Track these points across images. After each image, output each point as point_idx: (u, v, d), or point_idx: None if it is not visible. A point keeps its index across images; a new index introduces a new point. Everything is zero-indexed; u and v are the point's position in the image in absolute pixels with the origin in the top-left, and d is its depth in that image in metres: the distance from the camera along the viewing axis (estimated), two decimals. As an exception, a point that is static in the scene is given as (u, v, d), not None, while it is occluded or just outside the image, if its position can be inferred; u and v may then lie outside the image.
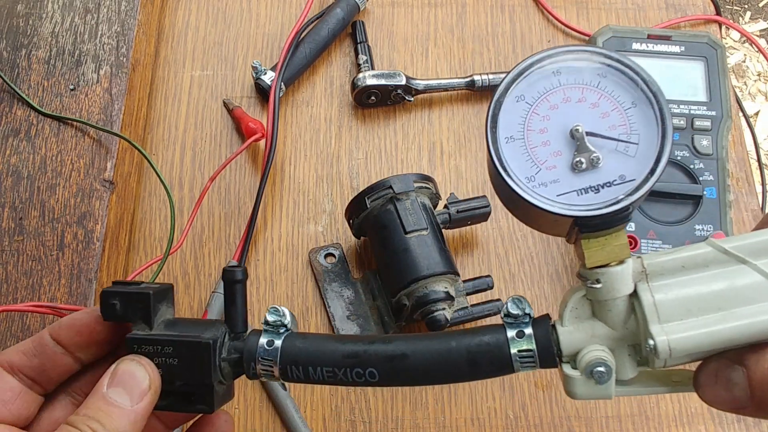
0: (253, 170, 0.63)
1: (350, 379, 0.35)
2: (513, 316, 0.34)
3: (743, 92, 1.72)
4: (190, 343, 0.35)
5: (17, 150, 0.57)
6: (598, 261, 0.32)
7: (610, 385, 0.33)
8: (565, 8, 0.71)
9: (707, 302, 0.31)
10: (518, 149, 0.33)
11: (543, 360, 0.34)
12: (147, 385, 0.34)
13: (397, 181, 0.55)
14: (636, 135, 0.32)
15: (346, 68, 0.68)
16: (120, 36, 0.62)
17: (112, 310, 0.36)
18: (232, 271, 0.37)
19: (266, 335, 0.36)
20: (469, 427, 0.54)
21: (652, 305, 0.32)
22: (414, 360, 0.34)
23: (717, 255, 0.32)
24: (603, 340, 0.33)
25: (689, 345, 0.31)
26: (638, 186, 0.31)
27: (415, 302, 0.52)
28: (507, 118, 0.33)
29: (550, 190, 0.32)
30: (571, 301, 0.34)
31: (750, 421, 0.55)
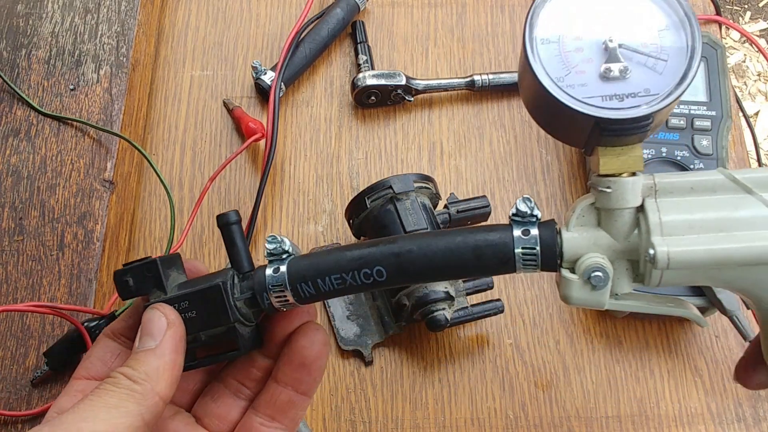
0: (253, 170, 0.63)
1: (359, 282, 0.35)
2: (521, 214, 0.35)
3: (743, 92, 1.72)
4: (202, 290, 0.37)
5: (17, 150, 0.57)
6: (612, 169, 0.34)
7: (605, 293, 0.34)
8: (565, 8, 0.71)
9: (710, 223, 0.33)
10: (552, 51, 0.34)
11: (544, 261, 0.34)
12: (164, 323, 0.36)
13: (397, 181, 0.55)
14: (666, 54, 0.33)
15: (346, 68, 0.68)
16: (120, 36, 0.62)
17: (126, 288, 0.38)
18: (225, 215, 0.38)
19: (271, 265, 0.37)
20: (469, 427, 0.54)
21: (657, 218, 0.33)
22: (419, 253, 0.35)
23: (726, 182, 0.33)
24: (604, 249, 0.34)
25: (687, 258, 0.32)
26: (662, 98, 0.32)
27: (415, 302, 0.52)
28: (545, 21, 0.35)
29: (578, 92, 0.33)
30: (579, 208, 0.35)
31: (750, 420, 0.55)
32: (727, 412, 0.55)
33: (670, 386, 0.56)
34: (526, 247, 0.34)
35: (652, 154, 0.58)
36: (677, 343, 0.57)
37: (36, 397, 0.50)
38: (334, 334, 0.56)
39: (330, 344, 0.40)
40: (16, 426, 0.49)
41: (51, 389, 0.50)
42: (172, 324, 0.36)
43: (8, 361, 0.50)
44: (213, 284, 0.36)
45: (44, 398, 0.50)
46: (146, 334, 0.36)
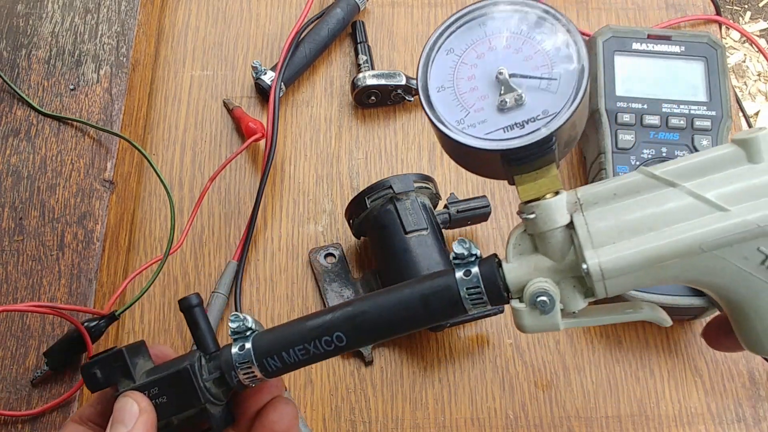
0: (253, 170, 0.63)
1: (322, 350, 0.36)
2: (460, 257, 0.35)
3: (743, 92, 1.72)
4: (170, 376, 0.37)
5: (17, 150, 0.57)
6: (532, 194, 0.34)
7: (555, 315, 0.34)
8: (565, 8, 0.71)
9: (639, 225, 0.33)
10: (448, 96, 0.35)
11: (491, 297, 0.35)
12: (136, 409, 0.37)
13: (397, 181, 0.55)
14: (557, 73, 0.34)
15: (346, 68, 0.68)
16: (120, 36, 0.62)
17: (95, 380, 0.38)
18: (186, 299, 0.38)
19: (236, 343, 0.37)
20: (469, 427, 0.54)
21: (585, 232, 0.33)
22: (373, 313, 0.36)
23: (647, 180, 0.34)
24: (546, 272, 0.35)
25: (620, 265, 0.32)
26: (555, 115, 0.33)
27: (415, 302, 0.52)
28: (438, 71, 0.35)
29: (479, 129, 0.34)
30: (513, 237, 0.36)
31: (750, 420, 0.55)
32: (727, 412, 0.55)
33: (670, 386, 0.56)
34: (470, 287, 0.35)
35: (652, 155, 0.58)
36: (677, 343, 0.57)
37: (36, 397, 0.50)
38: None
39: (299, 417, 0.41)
40: (16, 426, 0.49)
41: (51, 389, 0.50)
42: (143, 410, 0.37)
43: (8, 361, 0.50)
44: (181, 368, 0.37)
45: (44, 398, 0.50)
46: (118, 421, 0.36)
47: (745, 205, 0.32)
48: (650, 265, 0.32)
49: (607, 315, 0.36)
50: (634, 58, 0.61)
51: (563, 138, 0.34)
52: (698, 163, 0.33)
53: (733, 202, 0.32)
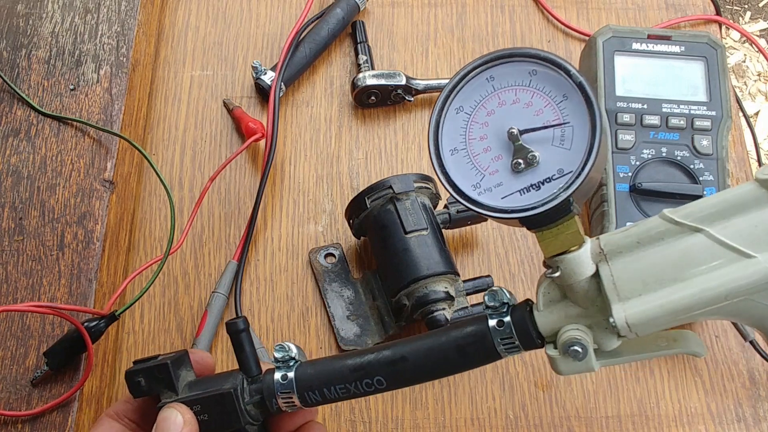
0: (253, 170, 0.63)
1: (362, 390, 0.38)
2: (492, 307, 0.36)
3: (743, 92, 1.71)
4: (214, 396, 0.38)
5: (17, 150, 0.57)
6: (553, 251, 0.34)
7: (590, 360, 0.34)
8: (565, 8, 0.71)
9: (664, 275, 0.32)
10: (462, 159, 0.34)
11: (524, 343, 0.35)
12: (181, 421, 0.38)
13: (397, 181, 0.55)
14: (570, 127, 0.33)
15: (346, 68, 0.68)
16: (120, 36, 0.62)
17: (138, 388, 0.40)
18: (234, 323, 0.40)
19: (279, 371, 0.39)
20: (469, 427, 0.54)
21: (611, 284, 0.33)
22: (412, 360, 0.37)
23: (670, 227, 0.33)
24: (577, 319, 0.34)
25: (646, 318, 0.32)
26: (573, 178, 0.32)
27: (415, 302, 0.52)
28: (449, 131, 0.35)
29: (495, 194, 0.33)
30: (542, 287, 0.36)
31: (750, 420, 0.55)
32: (727, 412, 0.55)
33: (670, 386, 0.56)
34: (504, 338, 0.35)
35: (652, 155, 0.58)
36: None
37: (36, 397, 0.50)
38: (334, 334, 0.56)
39: None
40: (16, 426, 0.49)
41: (51, 389, 0.50)
42: (188, 423, 0.38)
43: (8, 361, 0.50)
44: (225, 391, 0.38)
45: (44, 398, 0.50)
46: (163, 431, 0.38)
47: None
48: (676, 315, 0.32)
49: (641, 353, 0.36)
50: (634, 58, 0.61)
51: (582, 192, 0.33)
52: (720, 204, 0.32)
53: (758, 248, 0.31)
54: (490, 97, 0.34)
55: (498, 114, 0.34)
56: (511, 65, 0.34)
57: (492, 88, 0.34)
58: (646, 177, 0.57)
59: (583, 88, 0.32)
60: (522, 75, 0.34)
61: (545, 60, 0.33)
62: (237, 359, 0.40)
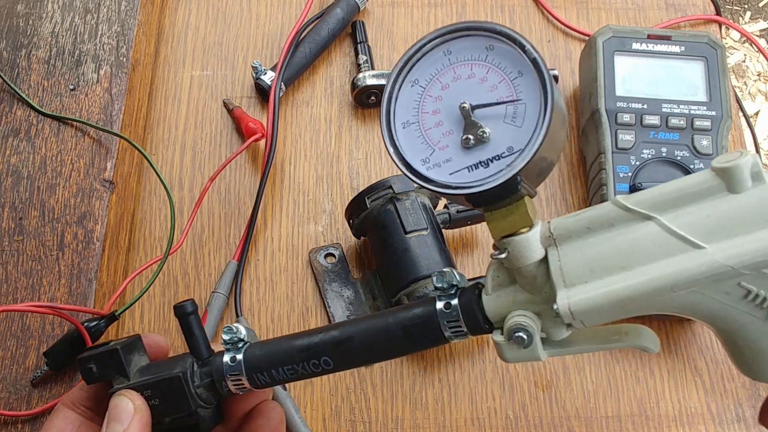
0: (253, 170, 0.63)
1: (310, 371, 0.37)
2: (440, 289, 0.35)
3: (743, 92, 1.72)
4: (163, 380, 0.38)
5: (17, 150, 0.57)
6: (501, 232, 0.33)
7: (535, 348, 0.33)
8: (565, 8, 0.71)
9: (610, 262, 0.31)
10: (413, 133, 0.33)
11: (471, 328, 0.35)
12: (132, 408, 0.38)
13: (397, 181, 0.55)
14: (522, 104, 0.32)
15: (346, 68, 0.68)
16: (120, 36, 0.62)
17: (90, 374, 0.39)
18: (182, 305, 0.39)
19: (228, 353, 0.38)
20: (469, 427, 0.54)
21: (558, 270, 0.32)
22: (358, 341, 0.36)
23: (621, 213, 0.32)
24: (525, 305, 0.34)
25: (589, 306, 0.31)
26: (519, 154, 0.31)
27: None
28: (402, 104, 0.34)
29: (444, 170, 0.32)
30: (491, 270, 0.35)
31: (750, 420, 0.55)
32: (727, 412, 0.55)
33: (670, 386, 0.56)
34: (450, 320, 0.35)
35: (652, 154, 0.58)
36: (677, 343, 0.57)
37: (36, 397, 0.50)
38: (334, 334, 0.56)
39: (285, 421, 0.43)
40: (16, 426, 0.49)
41: (51, 389, 0.50)
42: (138, 409, 0.38)
43: (8, 361, 0.50)
44: (173, 375, 0.38)
45: (44, 398, 0.50)
46: (114, 419, 0.37)
47: (721, 244, 0.30)
48: (621, 305, 0.31)
49: (591, 344, 0.35)
50: (634, 58, 0.61)
51: (533, 172, 0.32)
52: (675, 192, 0.31)
53: (709, 239, 0.30)
54: (445, 70, 0.34)
55: (452, 88, 0.33)
56: (468, 39, 0.33)
57: (448, 62, 0.33)
58: (646, 177, 0.57)
59: (537, 65, 0.31)
60: (479, 50, 0.33)
61: (501, 34, 0.32)
62: (186, 342, 0.39)
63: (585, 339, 0.35)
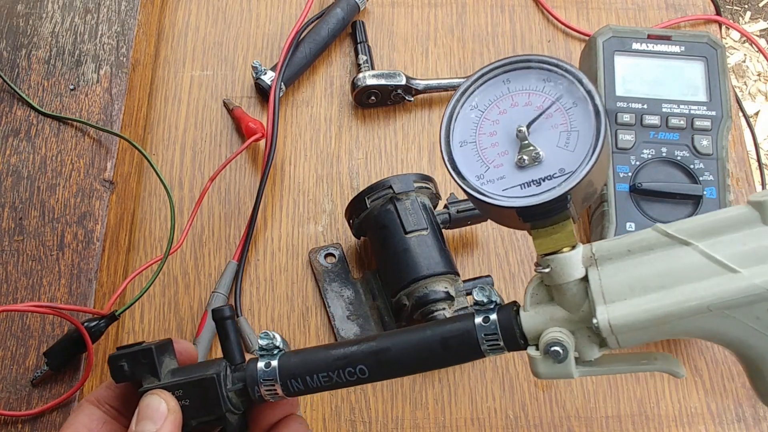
0: (253, 170, 0.63)
1: (344, 380, 0.38)
2: (480, 303, 0.37)
3: (743, 92, 1.72)
4: (197, 381, 0.38)
5: (17, 150, 0.57)
6: (547, 248, 0.35)
7: (569, 364, 0.35)
8: (565, 8, 0.71)
9: (650, 282, 0.33)
10: (470, 152, 0.36)
11: (507, 343, 0.36)
12: (165, 408, 0.37)
13: (397, 181, 0.55)
14: (576, 132, 0.34)
15: (346, 68, 0.68)
16: (120, 36, 0.62)
17: (121, 373, 0.39)
18: (220, 310, 0.40)
19: (263, 359, 0.39)
20: (469, 427, 0.54)
21: (598, 287, 0.34)
22: (396, 351, 0.37)
23: (661, 238, 0.34)
24: (561, 322, 0.35)
25: (629, 322, 0.33)
26: (571, 174, 0.33)
27: (415, 302, 0.52)
28: (461, 125, 0.36)
29: (497, 186, 0.35)
30: (531, 287, 0.36)
31: (750, 420, 0.55)
32: (727, 412, 0.55)
33: (670, 386, 0.56)
34: (488, 334, 0.36)
35: (652, 154, 0.58)
36: (677, 343, 0.57)
37: (36, 397, 0.50)
38: (334, 334, 0.56)
39: None
40: (16, 426, 0.49)
41: (51, 389, 0.50)
42: (172, 411, 0.38)
43: (8, 361, 0.50)
44: (208, 376, 0.38)
45: (44, 398, 0.50)
46: (146, 418, 0.37)
47: (756, 269, 0.32)
48: (659, 323, 0.33)
49: (621, 365, 0.37)
50: (634, 58, 0.61)
51: (579, 195, 0.34)
52: (713, 222, 0.33)
53: (744, 264, 0.32)
54: (504, 97, 0.36)
55: (509, 113, 0.36)
56: (528, 71, 0.36)
57: (507, 90, 0.36)
58: (646, 177, 0.57)
59: (592, 97, 0.34)
60: (536, 81, 0.36)
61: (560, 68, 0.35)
62: (221, 346, 0.40)
63: (615, 361, 0.37)
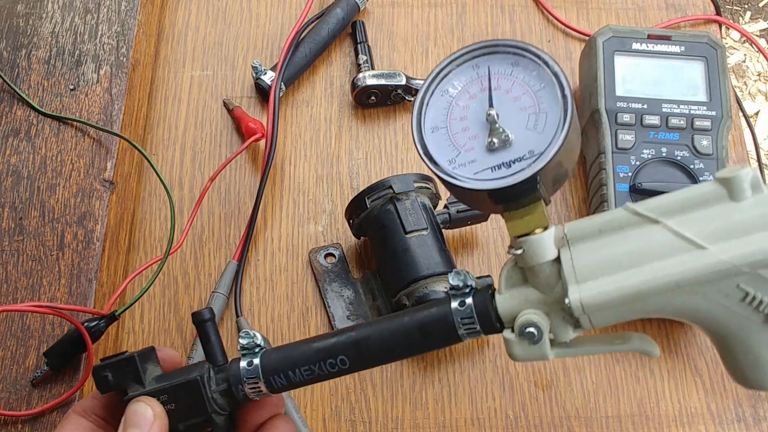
0: (253, 170, 0.63)
1: (326, 371, 0.38)
2: (455, 288, 0.37)
3: (743, 92, 1.71)
4: (181, 384, 0.39)
5: (17, 150, 0.57)
6: (519, 230, 0.35)
7: (544, 345, 0.35)
8: (565, 8, 0.71)
9: (620, 261, 0.34)
10: (442, 137, 0.36)
11: (484, 326, 0.36)
12: (151, 414, 0.38)
13: (397, 181, 0.55)
14: (544, 113, 0.35)
15: (346, 68, 0.68)
16: (120, 36, 0.62)
17: (105, 383, 0.40)
18: (199, 313, 0.40)
19: (245, 358, 0.39)
20: (469, 427, 0.54)
21: (570, 267, 0.34)
22: (375, 340, 0.38)
23: (631, 217, 0.34)
24: (536, 304, 0.36)
25: (600, 300, 0.33)
26: (539, 156, 0.34)
27: (415, 302, 0.52)
28: (432, 111, 0.37)
29: (468, 169, 0.35)
30: (505, 270, 0.37)
31: (750, 420, 0.55)
32: (727, 412, 0.55)
33: (670, 386, 0.56)
34: (464, 318, 0.36)
35: (652, 155, 0.58)
36: (677, 343, 0.57)
37: (36, 397, 0.50)
38: (334, 334, 0.56)
39: None
40: (16, 426, 0.49)
41: (51, 389, 0.50)
42: (158, 416, 0.38)
43: (8, 361, 0.50)
44: (191, 379, 0.39)
45: (44, 398, 0.50)
46: (133, 425, 0.37)
47: (723, 245, 0.32)
48: (630, 300, 0.33)
49: (596, 345, 0.37)
50: (634, 58, 0.61)
51: (549, 176, 0.35)
52: (681, 200, 0.34)
53: (712, 241, 0.32)
54: (473, 82, 0.37)
55: (479, 98, 0.36)
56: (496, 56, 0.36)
57: (476, 75, 0.37)
58: (646, 177, 0.57)
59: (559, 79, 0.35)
60: (505, 65, 0.36)
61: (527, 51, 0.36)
62: (203, 349, 0.40)
63: (590, 341, 0.37)
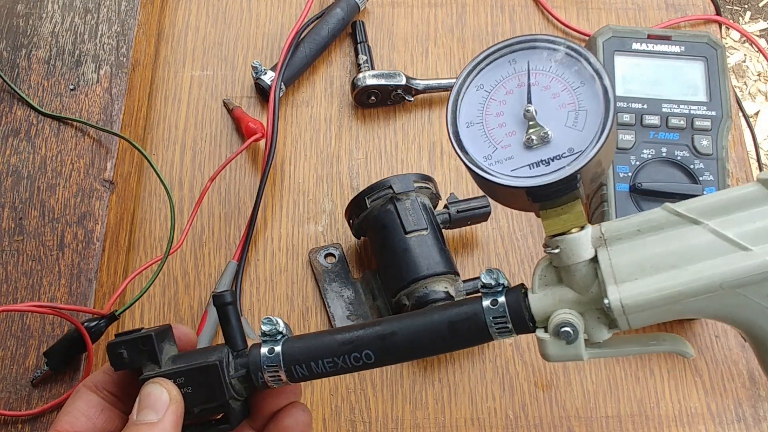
0: (253, 170, 0.63)
1: (350, 365, 0.37)
2: (487, 286, 0.36)
3: (743, 92, 1.71)
4: (199, 368, 0.38)
5: (17, 150, 0.57)
6: (556, 229, 0.34)
7: (579, 345, 0.35)
8: (565, 8, 0.71)
9: (660, 261, 0.33)
10: (477, 132, 0.35)
11: (516, 325, 0.36)
12: (167, 398, 0.37)
13: (397, 181, 0.55)
14: (584, 111, 0.34)
15: (346, 68, 0.68)
16: (120, 36, 0.62)
17: (120, 360, 0.38)
18: (221, 295, 0.39)
19: (266, 345, 0.38)
20: (469, 427, 0.54)
21: (609, 267, 0.34)
22: (402, 335, 0.37)
23: (670, 217, 0.34)
24: (571, 304, 0.35)
25: (641, 301, 0.33)
26: (580, 154, 0.33)
27: (415, 302, 0.52)
28: (467, 106, 0.36)
29: (505, 166, 0.34)
30: (539, 269, 0.36)
31: (750, 420, 0.55)
32: (727, 412, 0.55)
33: (670, 386, 0.56)
34: (497, 317, 0.36)
35: (652, 155, 0.58)
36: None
37: (36, 397, 0.50)
38: (334, 334, 0.56)
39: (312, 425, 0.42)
40: (16, 426, 0.49)
41: (51, 389, 0.50)
42: (174, 400, 0.37)
43: (8, 361, 0.50)
44: (210, 363, 0.38)
45: (44, 398, 0.50)
46: (147, 407, 0.36)
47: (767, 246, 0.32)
48: (671, 302, 0.33)
49: (630, 346, 0.37)
50: (634, 58, 0.61)
51: (588, 175, 0.34)
52: (722, 201, 0.33)
53: (755, 242, 0.32)
54: (510, 78, 0.36)
55: (516, 94, 0.35)
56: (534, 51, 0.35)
57: (513, 70, 0.36)
58: (646, 177, 0.57)
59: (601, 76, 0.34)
60: (543, 60, 0.35)
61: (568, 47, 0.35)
62: (223, 332, 0.39)
63: (624, 342, 0.37)
